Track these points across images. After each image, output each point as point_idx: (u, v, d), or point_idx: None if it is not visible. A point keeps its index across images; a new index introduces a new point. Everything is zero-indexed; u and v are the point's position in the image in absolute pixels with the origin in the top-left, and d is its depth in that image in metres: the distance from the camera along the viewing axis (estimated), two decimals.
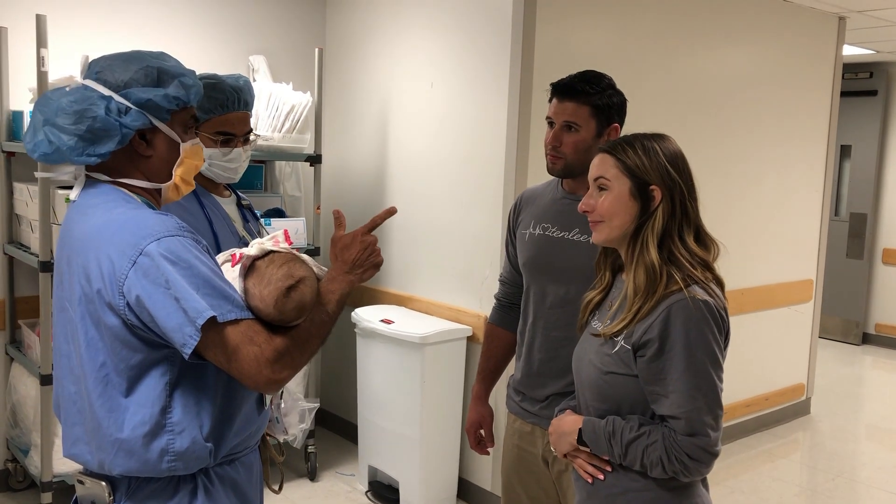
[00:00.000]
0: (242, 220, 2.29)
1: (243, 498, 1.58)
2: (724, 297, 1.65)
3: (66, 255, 1.48)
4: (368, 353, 3.77)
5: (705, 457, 1.58)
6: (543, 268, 2.14)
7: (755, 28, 4.58)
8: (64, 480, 3.28)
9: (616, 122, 2.11)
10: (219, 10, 4.15)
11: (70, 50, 3.63)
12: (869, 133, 7.23)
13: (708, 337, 1.57)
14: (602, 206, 1.68)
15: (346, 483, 3.97)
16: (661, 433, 1.59)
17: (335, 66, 4.48)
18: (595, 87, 2.06)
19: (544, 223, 2.17)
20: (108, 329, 1.40)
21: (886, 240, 7.30)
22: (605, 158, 1.70)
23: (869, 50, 6.37)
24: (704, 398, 1.57)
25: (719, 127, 4.47)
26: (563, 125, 2.07)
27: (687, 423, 1.56)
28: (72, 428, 1.50)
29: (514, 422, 2.25)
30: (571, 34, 3.63)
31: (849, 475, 4.42)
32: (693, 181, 1.70)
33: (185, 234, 1.42)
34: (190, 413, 1.43)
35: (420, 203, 3.97)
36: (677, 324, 1.57)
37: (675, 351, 1.56)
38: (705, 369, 1.57)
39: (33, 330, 3.41)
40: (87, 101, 1.46)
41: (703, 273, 1.63)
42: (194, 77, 1.54)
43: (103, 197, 1.48)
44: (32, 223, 3.35)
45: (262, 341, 1.38)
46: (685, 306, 1.57)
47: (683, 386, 1.56)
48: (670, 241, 1.64)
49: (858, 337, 7.40)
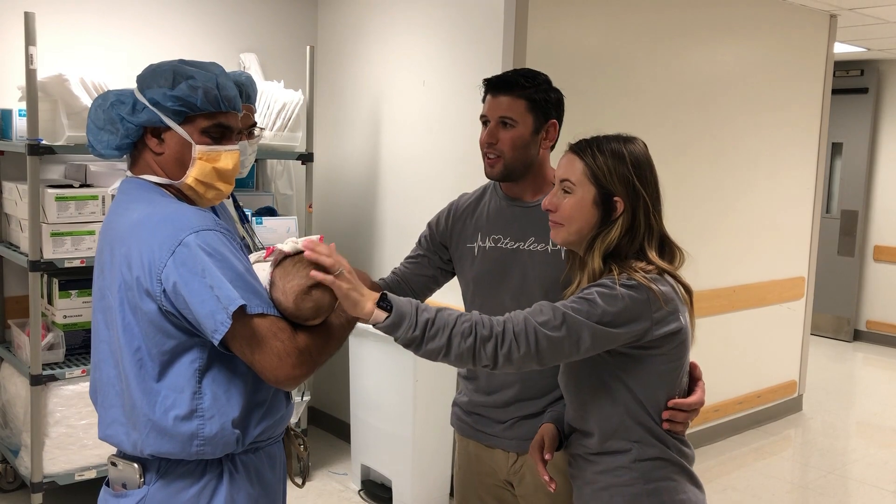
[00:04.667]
0: (239, 219, 2.32)
1: (266, 487, 1.64)
2: (677, 299, 1.64)
3: (109, 245, 1.55)
4: (361, 352, 3.76)
5: (509, 336, 1.56)
6: (500, 282, 2.00)
7: (747, 25, 4.58)
8: (54, 481, 3.26)
9: (554, 119, 1.99)
10: (210, 8, 4.13)
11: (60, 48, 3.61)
12: (860, 130, 7.25)
13: (602, 294, 1.57)
14: (564, 208, 1.68)
15: (339, 482, 3.96)
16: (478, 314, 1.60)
17: (327, 64, 4.47)
18: (530, 81, 1.95)
19: (494, 234, 2.03)
20: (144, 315, 1.47)
21: (877, 237, 7.33)
22: (572, 160, 1.69)
23: (860, 48, 6.39)
24: (554, 316, 1.57)
25: (710, 125, 4.48)
26: (499, 121, 1.94)
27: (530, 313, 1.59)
28: (109, 410, 1.57)
29: (467, 445, 2.11)
30: (563, 32, 3.63)
31: (840, 471, 4.44)
32: (658, 191, 1.70)
33: (222, 229, 1.51)
34: (220, 400, 1.51)
35: (412, 201, 3.97)
36: (593, 287, 1.61)
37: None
38: (576, 308, 1.57)
39: (23, 330, 3.39)
40: (109, 99, 1.58)
41: (651, 272, 1.63)
42: (212, 82, 1.58)
43: (144, 193, 1.58)
44: (22, 222, 3.33)
45: (285, 338, 1.46)
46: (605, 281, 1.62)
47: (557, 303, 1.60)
48: (622, 252, 1.65)
49: (850, 334, 7.42)
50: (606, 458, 1.69)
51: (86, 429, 3.29)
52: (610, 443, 1.69)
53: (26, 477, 3.31)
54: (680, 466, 1.69)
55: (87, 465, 3.32)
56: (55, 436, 3.27)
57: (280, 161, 4.24)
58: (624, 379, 1.66)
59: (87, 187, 3.38)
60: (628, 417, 1.66)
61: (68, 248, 3.25)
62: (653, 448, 1.67)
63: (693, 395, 1.73)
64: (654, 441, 1.67)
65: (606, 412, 1.68)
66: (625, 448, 1.67)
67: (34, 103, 3.12)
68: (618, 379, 1.66)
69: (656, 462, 1.67)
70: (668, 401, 1.68)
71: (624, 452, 1.68)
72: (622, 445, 1.68)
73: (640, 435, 1.67)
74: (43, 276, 3.38)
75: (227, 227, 1.55)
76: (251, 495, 1.59)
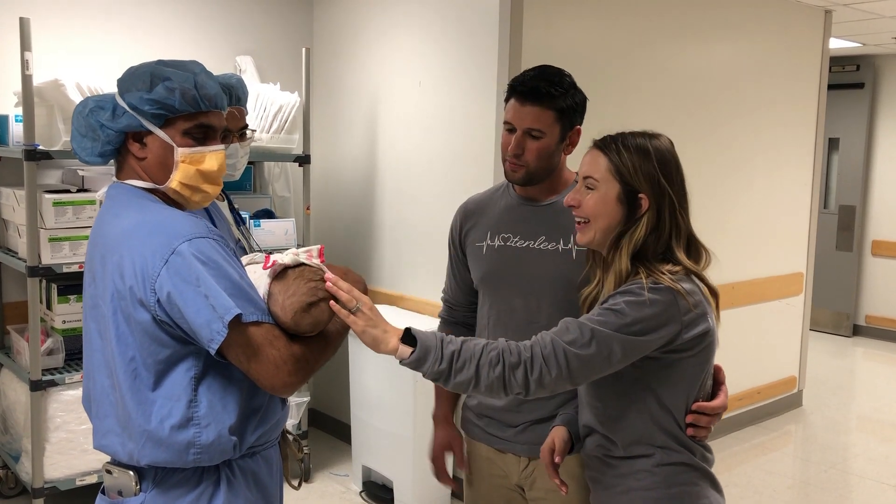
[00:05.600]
0: (235, 222, 2.31)
1: (264, 491, 1.63)
2: (704, 301, 1.61)
3: (100, 253, 1.52)
4: (361, 353, 3.76)
5: (539, 360, 1.54)
6: (508, 280, 1.97)
7: (742, 22, 4.59)
8: (55, 486, 3.26)
9: (578, 125, 1.94)
10: (205, 11, 4.13)
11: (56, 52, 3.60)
12: (856, 125, 7.26)
13: (630, 302, 1.54)
14: (587, 204, 1.64)
15: (340, 483, 3.96)
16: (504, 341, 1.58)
17: (323, 65, 4.47)
18: (559, 89, 1.88)
19: (503, 233, 1.99)
20: (138, 324, 1.46)
21: (875, 232, 7.34)
22: (596, 156, 1.65)
23: (855, 43, 6.39)
24: (581, 333, 1.54)
25: (707, 122, 4.48)
26: (526, 131, 1.88)
27: (555, 333, 1.57)
28: (103, 420, 1.55)
29: (478, 448, 2.09)
30: (558, 32, 3.63)
31: (841, 467, 4.44)
32: (685, 189, 1.66)
33: (215, 236, 1.50)
34: (216, 407, 1.49)
35: (410, 202, 3.97)
36: (619, 292, 1.58)
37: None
38: (603, 321, 1.54)
39: (22, 335, 3.39)
40: (86, 106, 1.55)
41: (678, 273, 1.60)
42: (188, 82, 1.53)
43: (135, 199, 1.54)
44: (20, 228, 3.33)
45: (281, 346, 1.46)
46: (635, 283, 1.58)
47: (580, 318, 1.57)
48: (649, 252, 1.61)
49: (849, 329, 7.43)
50: (628, 461, 1.66)
51: (86, 434, 3.29)
52: (633, 447, 1.65)
53: (27, 482, 3.31)
54: (703, 472, 1.66)
55: (88, 469, 3.32)
56: (55, 441, 3.26)
57: (277, 163, 4.23)
58: (650, 383, 1.62)
59: (85, 192, 3.38)
60: (653, 423, 1.63)
61: (66, 253, 3.25)
62: (677, 454, 1.63)
63: (717, 399, 1.70)
64: (678, 447, 1.63)
65: (631, 417, 1.64)
66: (648, 452, 1.64)
67: (30, 109, 3.12)
68: (644, 383, 1.62)
69: (679, 467, 1.64)
70: (693, 404, 1.64)
71: (647, 457, 1.64)
72: (645, 450, 1.64)
73: (664, 440, 1.63)
74: (41, 281, 3.37)
75: (219, 233, 1.53)
76: (249, 500, 1.58)
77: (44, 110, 3.24)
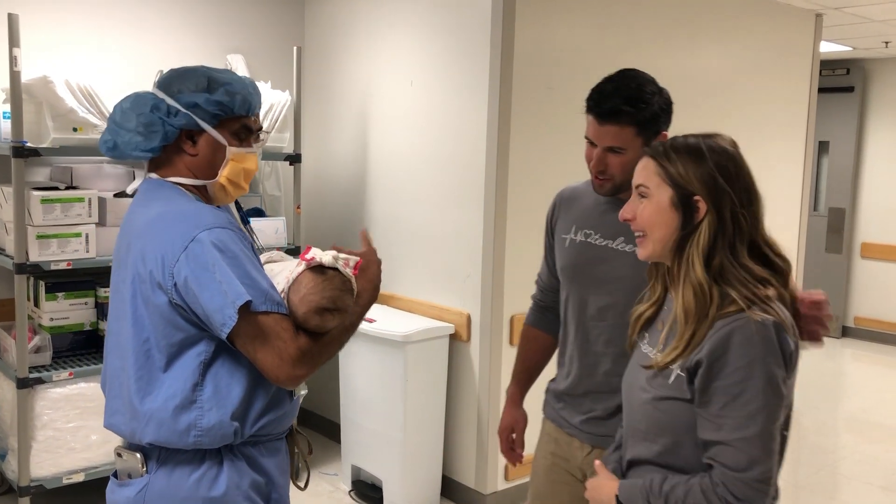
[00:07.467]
0: (241, 221, 2.34)
1: (268, 476, 1.67)
2: (789, 316, 1.48)
3: (127, 241, 1.62)
4: (351, 352, 3.75)
5: (751, 493, 1.42)
6: (584, 276, 2.01)
7: (733, 25, 4.60)
8: (42, 485, 3.24)
9: (664, 130, 1.92)
10: (196, 9, 4.11)
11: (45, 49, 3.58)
12: (846, 129, 7.29)
13: (769, 361, 1.40)
14: (642, 215, 1.56)
15: (330, 482, 3.95)
16: (699, 476, 1.45)
17: (314, 64, 4.46)
18: (638, 104, 1.86)
19: (586, 229, 2.02)
20: (155, 307, 1.53)
21: (865, 234, 7.37)
22: (646, 164, 1.58)
23: (845, 46, 6.42)
24: (757, 428, 1.41)
25: (697, 124, 4.41)
26: (606, 149, 1.89)
27: (734, 452, 1.41)
28: (113, 400, 1.63)
29: (550, 428, 2.15)
30: (551, 31, 3.63)
31: (830, 468, 4.46)
32: (751, 188, 1.54)
33: (235, 229, 1.58)
34: (220, 392, 1.55)
35: (401, 201, 3.96)
36: (734, 345, 1.41)
37: (727, 373, 1.41)
38: (761, 398, 1.40)
39: (9, 333, 3.36)
40: (141, 102, 1.64)
41: (762, 290, 1.46)
42: (246, 88, 1.67)
43: (164, 192, 1.64)
44: (7, 225, 3.30)
45: (288, 338, 1.51)
46: (742, 326, 1.41)
47: (734, 412, 1.41)
48: (722, 257, 1.48)
49: (838, 330, 7.46)
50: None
51: (73, 432, 3.27)
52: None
53: (13, 481, 3.29)
54: None
55: (75, 468, 3.30)
56: (42, 439, 3.24)
57: (268, 162, 4.22)
58: None
59: (73, 189, 3.36)
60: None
61: (54, 250, 3.23)
62: None
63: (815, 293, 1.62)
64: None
65: (689, 448, 1.51)
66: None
67: (18, 105, 3.10)
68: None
69: None
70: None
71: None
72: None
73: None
74: (29, 278, 3.35)
75: (239, 226, 1.61)
76: (255, 481, 1.62)
77: (32, 107, 3.23)
